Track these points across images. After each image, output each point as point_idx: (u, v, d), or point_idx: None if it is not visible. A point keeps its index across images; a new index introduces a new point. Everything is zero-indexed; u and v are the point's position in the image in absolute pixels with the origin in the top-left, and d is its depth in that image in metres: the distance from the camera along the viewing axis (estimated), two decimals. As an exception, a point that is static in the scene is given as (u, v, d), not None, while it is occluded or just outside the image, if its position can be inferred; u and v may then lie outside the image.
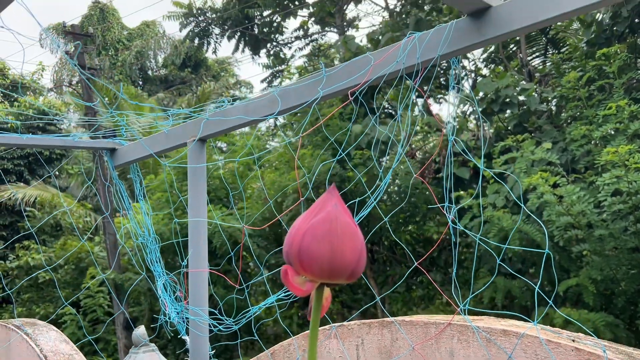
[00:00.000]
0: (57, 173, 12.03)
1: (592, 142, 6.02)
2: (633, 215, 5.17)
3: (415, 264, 1.27)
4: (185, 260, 1.46)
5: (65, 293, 9.58)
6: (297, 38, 12.97)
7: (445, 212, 1.26)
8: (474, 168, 6.79)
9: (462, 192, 6.28)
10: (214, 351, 1.74)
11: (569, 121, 6.80)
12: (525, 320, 1.36)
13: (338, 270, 0.62)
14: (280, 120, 10.14)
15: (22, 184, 11.61)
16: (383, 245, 8.29)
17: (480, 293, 5.81)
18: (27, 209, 10.91)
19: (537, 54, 8.46)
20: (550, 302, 1.20)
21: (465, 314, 1.31)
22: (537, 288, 1.12)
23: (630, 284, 5.42)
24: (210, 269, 1.43)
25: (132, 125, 2.30)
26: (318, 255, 0.61)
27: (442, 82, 8.49)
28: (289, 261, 0.64)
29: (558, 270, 5.88)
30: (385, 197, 7.67)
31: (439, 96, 8.44)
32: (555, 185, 5.44)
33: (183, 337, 1.92)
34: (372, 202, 1.38)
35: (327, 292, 0.67)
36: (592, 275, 5.27)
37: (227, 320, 1.49)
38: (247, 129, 10.59)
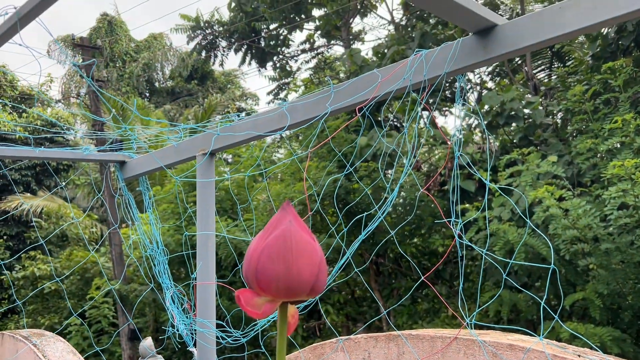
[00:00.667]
0: (64, 183, 12.11)
1: (598, 156, 6.02)
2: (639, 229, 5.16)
3: (422, 278, 1.28)
4: (194, 273, 1.48)
5: (70, 303, 9.60)
6: (304, 51, 13.07)
7: (451, 227, 1.28)
8: (480, 181, 6.79)
9: (467, 205, 6.27)
10: (221, 363, 1.75)
11: (574, 134, 6.80)
12: (531, 335, 1.37)
13: (295, 287, 0.61)
14: (287, 132, 10.19)
15: (29, 194, 11.68)
16: (388, 258, 8.27)
17: (486, 307, 5.78)
18: (34, 219, 10.98)
19: (543, 67, 8.49)
20: (556, 317, 1.21)
21: (471, 329, 1.32)
22: (542, 302, 1.13)
23: (637, 298, 5.39)
24: (217, 281, 1.44)
25: (142, 139, 2.33)
26: (274, 274, 0.61)
27: (448, 95, 8.53)
28: (248, 283, 0.63)
29: (564, 284, 5.85)
30: (390, 210, 7.67)
31: (444, 109, 8.47)
32: (561, 199, 5.43)
33: (190, 349, 1.94)
34: (380, 216, 1.40)
35: (292, 309, 0.67)
36: (598, 289, 5.25)
37: (234, 333, 1.50)
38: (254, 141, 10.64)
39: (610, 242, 5.22)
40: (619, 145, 5.80)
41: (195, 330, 1.77)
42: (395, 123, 8.34)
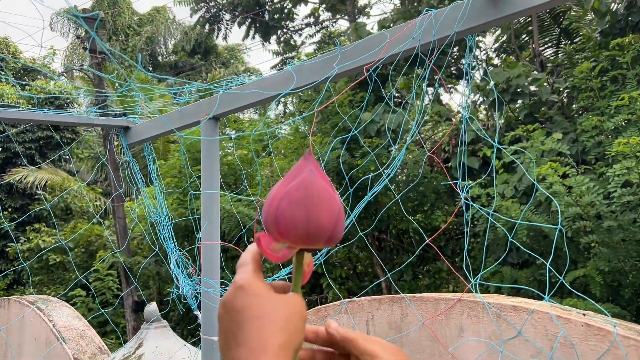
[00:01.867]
0: (67, 156, 12.12)
1: (603, 134, 5.99)
2: (643, 207, 5.15)
3: (427, 240, 1.28)
4: (200, 233, 1.48)
5: (75, 275, 9.70)
6: (308, 25, 12.93)
7: (458, 190, 1.27)
8: (483, 157, 6.77)
9: (471, 182, 6.25)
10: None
11: (580, 112, 6.75)
12: (538, 294, 1.38)
13: (314, 234, 0.62)
14: (290, 108, 10.15)
15: (33, 167, 11.70)
16: (390, 234, 8.31)
17: (487, 283, 5.82)
18: (38, 192, 11.02)
19: (550, 44, 8.39)
20: (562, 284, 1.22)
21: (477, 291, 1.32)
22: (548, 264, 1.13)
23: (637, 275, 5.41)
24: (222, 242, 1.45)
25: (146, 104, 2.32)
26: (294, 220, 0.61)
27: (454, 72, 8.45)
28: (267, 228, 0.64)
29: (565, 262, 5.87)
30: (393, 187, 7.67)
31: (449, 85, 8.40)
32: (564, 176, 5.41)
33: (195, 313, 1.96)
34: (385, 178, 1.39)
35: (307, 258, 0.67)
36: (599, 267, 5.27)
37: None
38: (256, 116, 10.59)
39: (612, 220, 5.22)
40: (624, 123, 5.76)
41: (199, 292, 1.79)
42: (400, 100, 8.29)
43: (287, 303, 0.62)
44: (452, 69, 8.27)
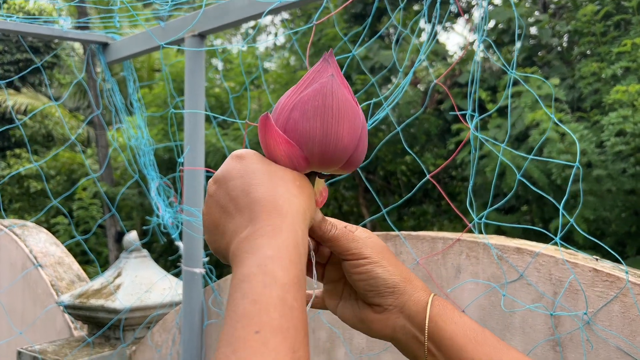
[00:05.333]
0: (48, 81, 11.72)
1: (601, 81, 5.86)
2: (634, 157, 5.12)
3: (428, 176, 1.18)
4: (182, 157, 1.37)
5: (57, 204, 9.59)
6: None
7: (465, 122, 1.16)
8: (478, 100, 6.64)
9: (463, 125, 6.15)
10: (208, 258, 1.69)
11: (579, 58, 6.58)
12: (545, 236, 1.29)
13: (331, 154, 0.51)
14: (281, 39, 9.80)
15: (12, 90, 11.31)
16: (378, 175, 8.26)
17: (492, 222, 5.84)
18: (18, 116, 10.70)
19: (554, -15, 8.07)
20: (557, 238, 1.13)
21: (481, 231, 1.23)
22: (561, 207, 1.04)
23: (621, 225, 5.46)
24: (207, 168, 1.34)
25: (125, 16, 2.13)
26: (307, 135, 0.50)
27: (452, 10, 8.14)
28: None
29: (551, 209, 5.90)
30: (384, 127, 7.54)
31: (447, 23, 8.12)
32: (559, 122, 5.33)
33: (177, 243, 1.86)
34: (386, 106, 1.27)
35: (320, 184, 0.56)
36: (585, 215, 5.28)
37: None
38: (245, 48, 10.26)
39: (602, 169, 5.19)
40: (623, 71, 5.62)
41: (181, 222, 1.69)
42: (395, 37, 8.01)
43: (299, 174, 0.52)
44: (451, 6, 7.96)
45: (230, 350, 0.38)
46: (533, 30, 6.63)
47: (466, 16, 7.45)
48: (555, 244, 1.12)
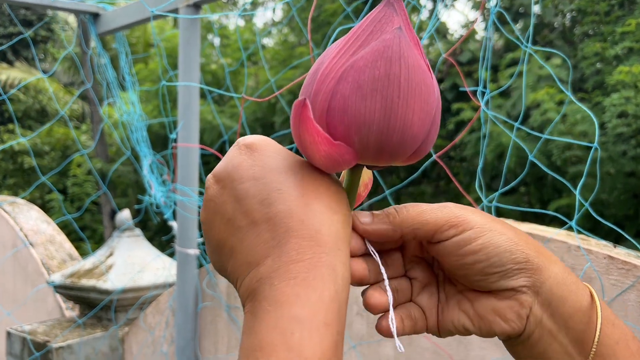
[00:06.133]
0: (42, 56, 11.53)
1: (604, 61, 5.77)
2: (635, 139, 5.06)
3: (434, 157, 1.11)
4: (174, 133, 1.30)
5: (51, 180, 9.50)
6: None
7: (475, 98, 1.09)
8: (478, 80, 6.55)
9: (463, 104, 6.07)
10: (203, 238, 1.63)
11: (582, 38, 6.48)
12: (544, 218, 1.23)
13: (393, 145, 0.36)
14: (279, 14, 9.63)
15: (5, 64, 11.12)
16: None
17: (502, 205, 5.80)
18: (12, 91, 10.53)
19: (558, -38, 7.91)
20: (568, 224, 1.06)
21: (492, 212, 1.17)
22: (577, 192, 0.98)
23: (619, 208, 5.43)
24: (201, 145, 1.27)
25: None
26: (361, 120, 0.35)
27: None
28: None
29: (550, 190, 5.86)
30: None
31: (448, 0, 7.97)
32: (560, 103, 5.27)
33: (170, 223, 1.80)
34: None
35: (366, 176, 0.44)
36: (584, 197, 5.24)
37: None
38: (242, 22, 10.08)
39: (603, 151, 5.14)
40: (626, 52, 5.54)
41: (175, 202, 1.62)
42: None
43: (336, 178, 0.40)
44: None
45: None
46: (536, 8, 6.51)
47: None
48: (570, 228, 1.07)
